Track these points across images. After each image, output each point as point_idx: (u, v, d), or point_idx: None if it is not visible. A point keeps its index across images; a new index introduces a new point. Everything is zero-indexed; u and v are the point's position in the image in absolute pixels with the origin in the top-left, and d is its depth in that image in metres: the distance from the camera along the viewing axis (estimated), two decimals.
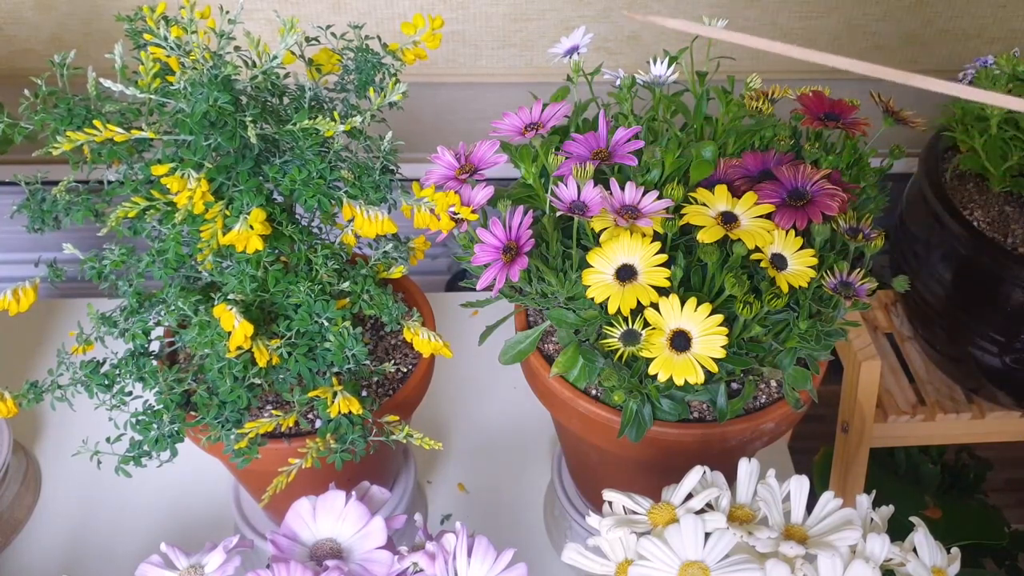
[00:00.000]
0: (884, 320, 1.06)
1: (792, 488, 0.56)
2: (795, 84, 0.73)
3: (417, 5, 1.13)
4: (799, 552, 0.51)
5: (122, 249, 0.66)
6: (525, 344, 0.72)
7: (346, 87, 0.68)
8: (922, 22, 1.16)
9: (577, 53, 0.72)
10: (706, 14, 0.95)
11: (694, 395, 0.68)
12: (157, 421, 0.66)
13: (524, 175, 0.67)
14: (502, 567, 0.55)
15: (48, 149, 0.59)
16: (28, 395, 0.65)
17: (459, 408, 1.04)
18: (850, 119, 0.68)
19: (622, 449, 0.71)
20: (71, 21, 1.14)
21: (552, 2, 1.14)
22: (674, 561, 0.51)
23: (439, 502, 0.96)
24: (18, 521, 0.93)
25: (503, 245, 0.63)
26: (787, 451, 1.02)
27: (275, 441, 0.70)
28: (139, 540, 0.91)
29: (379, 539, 0.59)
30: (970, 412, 0.99)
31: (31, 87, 0.63)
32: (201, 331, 0.63)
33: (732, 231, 0.61)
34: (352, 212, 0.62)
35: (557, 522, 0.92)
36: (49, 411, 1.01)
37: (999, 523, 1.14)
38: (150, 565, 0.59)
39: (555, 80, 0.75)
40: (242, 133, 0.59)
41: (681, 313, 0.60)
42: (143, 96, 0.60)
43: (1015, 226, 0.88)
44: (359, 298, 0.67)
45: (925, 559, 0.53)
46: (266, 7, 1.13)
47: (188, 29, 0.60)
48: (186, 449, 0.68)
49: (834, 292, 0.62)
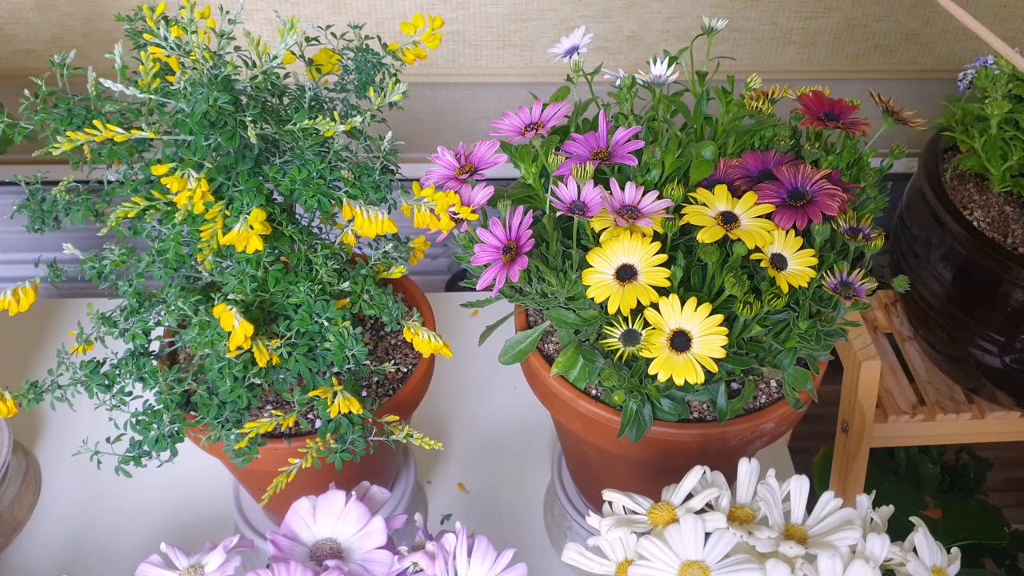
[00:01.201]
0: (884, 320, 1.06)
1: (792, 488, 0.56)
2: (795, 84, 0.73)
3: (417, 5, 1.13)
4: (799, 552, 0.51)
5: (122, 249, 0.66)
6: (525, 344, 0.72)
7: (346, 87, 0.68)
8: (922, 22, 1.16)
9: (577, 53, 0.72)
10: (706, 14, 0.95)
11: (694, 395, 0.68)
12: (157, 421, 0.66)
13: (524, 175, 0.67)
14: (502, 567, 0.55)
15: (48, 149, 0.59)
16: (28, 395, 0.65)
17: (459, 408, 1.04)
18: (850, 119, 0.68)
19: (622, 449, 0.71)
20: (71, 21, 1.14)
21: (552, 2, 1.14)
22: (674, 561, 0.51)
23: (439, 502, 0.96)
24: (18, 521, 0.93)
25: (503, 245, 0.63)
26: (787, 451, 1.02)
27: (275, 441, 0.70)
28: (139, 540, 0.91)
29: (379, 539, 0.59)
30: (970, 412, 0.99)
31: (31, 87, 0.63)
32: (201, 331, 0.63)
33: (732, 231, 0.61)
34: (352, 212, 0.62)
35: (557, 522, 0.92)
36: (49, 411, 1.01)
37: (999, 523, 1.14)
38: (150, 565, 0.59)
39: (555, 80, 0.75)
40: (242, 133, 0.59)
41: (681, 313, 0.60)
42: (143, 96, 0.60)
43: (1015, 226, 0.88)
44: (359, 298, 0.67)
45: (925, 559, 0.53)
46: (266, 7, 1.13)
47: (188, 29, 0.60)
48: (186, 449, 0.68)
49: (834, 292, 0.62)
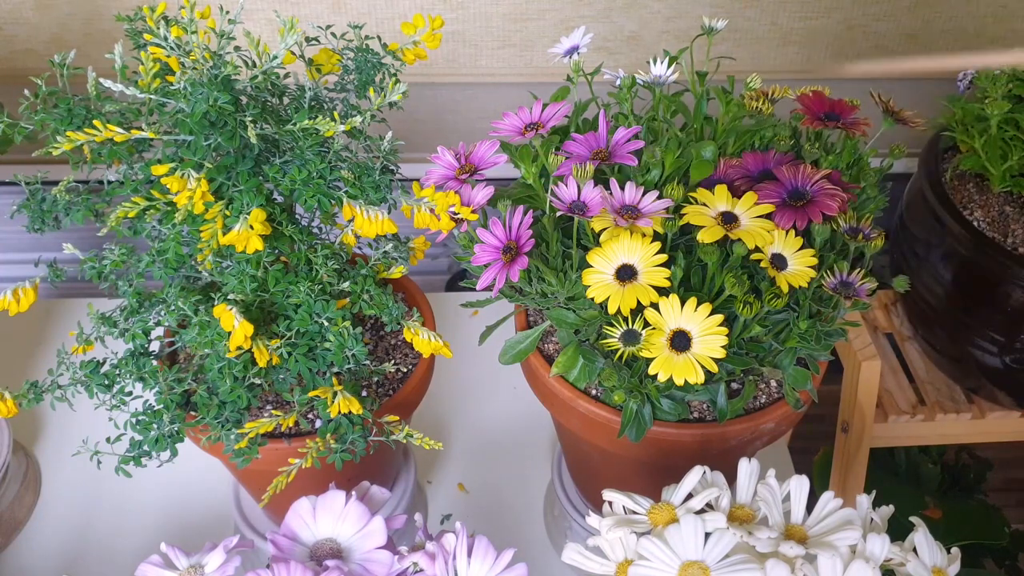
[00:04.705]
0: (884, 320, 1.06)
1: (792, 488, 0.56)
2: (795, 84, 0.73)
3: (417, 5, 1.13)
4: (799, 552, 0.51)
5: (122, 249, 0.66)
6: (525, 344, 0.72)
7: (346, 87, 0.68)
8: (922, 22, 1.16)
9: (577, 53, 0.72)
10: (706, 14, 0.95)
11: (694, 395, 0.68)
12: (157, 421, 0.66)
13: (524, 175, 0.67)
14: (502, 567, 0.55)
15: (48, 149, 0.59)
16: (28, 395, 0.65)
17: (459, 408, 1.04)
18: (850, 119, 0.68)
19: (622, 449, 0.71)
20: (71, 21, 1.14)
21: (552, 2, 1.14)
22: (674, 561, 0.51)
23: (439, 502, 0.96)
24: (18, 521, 0.93)
25: (503, 245, 0.63)
26: (787, 451, 1.02)
27: (275, 441, 0.70)
28: (139, 540, 0.91)
29: (379, 539, 0.59)
30: (970, 412, 0.99)
31: (31, 87, 0.63)
32: (201, 331, 0.63)
33: (732, 231, 0.61)
34: (352, 212, 0.62)
35: (557, 522, 0.92)
36: (49, 411, 1.01)
37: (999, 523, 1.14)
38: (150, 565, 0.59)
39: (555, 80, 0.75)
40: (242, 133, 0.59)
41: (681, 313, 0.60)
42: (143, 96, 0.60)
43: (1015, 226, 0.88)
44: (359, 298, 0.67)
45: (925, 559, 0.53)
46: (266, 7, 1.13)
47: (188, 29, 0.60)
48: (186, 449, 0.68)
49: (834, 292, 0.62)
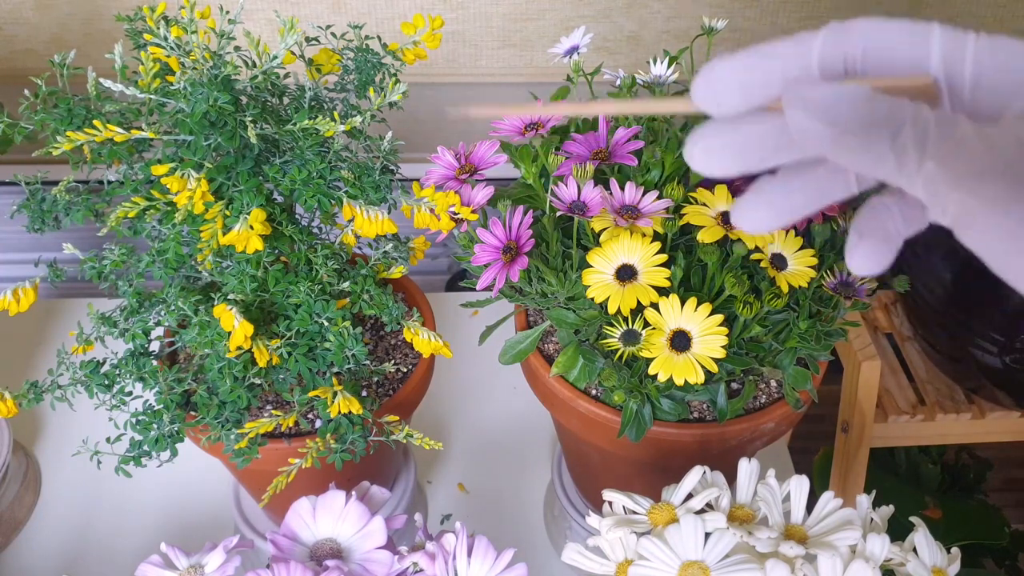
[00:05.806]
0: (884, 320, 1.06)
1: (792, 488, 0.56)
2: None
3: (417, 5, 1.13)
4: (799, 552, 0.51)
5: (122, 249, 0.66)
6: (525, 344, 0.72)
7: (346, 87, 0.68)
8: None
9: (577, 53, 0.72)
10: (706, 14, 0.95)
11: (694, 395, 0.68)
12: (157, 421, 0.66)
13: (524, 175, 0.67)
14: (502, 567, 0.55)
15: (48, 149, 0.59)
16: (28, 395, 0.65)
17: (459, 408, 1.04)
18: None
19: (622, 449, 0.71)
20: (71, 21, 1.14)
21: (552, 2, 1.14)
22: (674, 561, 0.51)
23: (439, 502, 0.96)
24: (18, 521, 0.93)
25: (503, 245, 0.63)
26: (787, 451, 1.02)
27: (275, 441, 0.70)
28: (139, 540, 0.91)
29: (379, 539, 0.59)
30: (970, 412, 0.99)
31: (31, 87, 0.63)
32: (201, 331, 0.63)
33: (732, 231, 0.61)
34: (352, 212, 0.62)
35: (557, 522, 0.92)
36: (49, 411, 1.01)
37: (999, 523, 1.14)
38: (150, 565, 0.59)
39: (555, 80, 0.75)
40: (242, 133, 0.59)
41: (681, 313, 0.60)
42: (143, 96, 0.60)
43: None
44: (359, 298, 0.67)
45: (925, 559, 0.53)
46: (266, 7, 1.13)
47: (188, 29, 0.60)
48: (186, 449, 0.68)
49: (834, 292, 0.62)
